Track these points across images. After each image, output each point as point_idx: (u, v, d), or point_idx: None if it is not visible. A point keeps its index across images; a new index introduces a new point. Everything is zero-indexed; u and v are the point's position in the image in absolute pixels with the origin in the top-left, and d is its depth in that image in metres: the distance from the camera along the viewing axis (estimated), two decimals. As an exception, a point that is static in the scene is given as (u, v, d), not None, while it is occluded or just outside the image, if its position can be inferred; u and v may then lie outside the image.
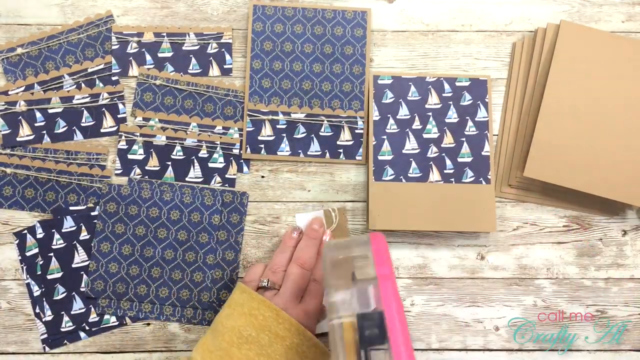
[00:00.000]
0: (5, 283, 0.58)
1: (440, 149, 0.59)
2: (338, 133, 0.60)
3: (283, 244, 0.56)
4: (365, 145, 0.59)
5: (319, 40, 0.61)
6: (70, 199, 0.59)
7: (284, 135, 0.60)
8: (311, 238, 0.56)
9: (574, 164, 0.57)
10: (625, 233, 0.60)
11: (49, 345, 0.57)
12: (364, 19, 0.61)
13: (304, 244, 0.56)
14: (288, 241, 0.56)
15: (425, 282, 0.59)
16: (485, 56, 0.62)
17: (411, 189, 0.58)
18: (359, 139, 0.60)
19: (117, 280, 0.57)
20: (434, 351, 0.59)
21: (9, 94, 0.59)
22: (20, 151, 0.59)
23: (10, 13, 0.61)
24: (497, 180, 0.60)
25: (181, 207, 0.58)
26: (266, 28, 0.61)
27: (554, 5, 0.62)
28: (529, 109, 0.60)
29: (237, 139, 0.60)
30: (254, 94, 0.60)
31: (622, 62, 0.58)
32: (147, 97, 0.60)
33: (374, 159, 0.58)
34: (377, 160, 0.58)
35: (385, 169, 0.58)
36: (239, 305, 0.51)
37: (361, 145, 0.60)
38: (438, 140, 0.59)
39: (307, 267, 0.54)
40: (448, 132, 0.59)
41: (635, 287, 0.60)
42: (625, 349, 0.59)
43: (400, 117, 0.59)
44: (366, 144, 0.59)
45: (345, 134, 0.60)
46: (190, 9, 0.62)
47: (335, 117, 0.60)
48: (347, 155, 0.60)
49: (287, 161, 0.60)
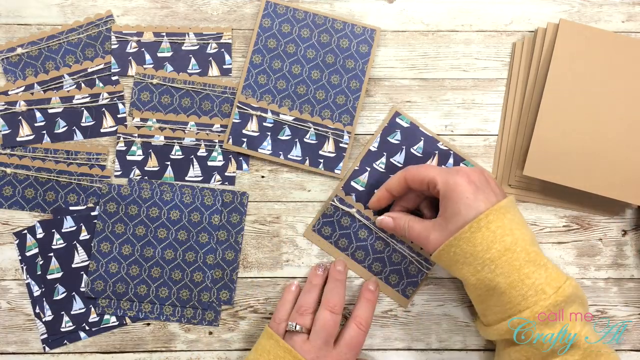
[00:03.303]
0: (5, 283, 0.58)
1: None
2: (322, 143, 0.60)
3: (308, 283, 0.56)
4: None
5: (323, 49, 0.61)
6: (70, 199, 0.59)
7: (269, 134, 0.60)
8: (337, 279, 0.56)
9: (574, 163, 0.57)
10: (625, 233, 0.60)
11: (49, 345, 0.57)
12: (371, 37, 0.61)
13: (332, 285, 0.55)
14: (314, 279, 0.56)
15: (425, 282, 0.59)
16: (485, 56, 0.62)
17: None
18: (341, 153, 0.59)
19: (117, 280, 0.57)
20: (434, 351, 0.59)
21: (9, 94, 0.60)
22: (20, 151, 0.59)
23: (10, 13, 0.61)
24: (497, 180, 0.60)
25: (181, 207, 0.58)
26: (274, 26, 0.61)
27: (553, 5, 0.62)
28: (529, 108, 0.60)
29: (236, 139, 0.60)
30: (247, 87, 0.60)
31: (622, 61, 0.58)
32: (144, 96, 0.60)
33: (346, 180, 0.59)
34: (348, 185, 0.59)
35: (351, 195, 0.58)
36: (266, 352, 0.51)
37: (342, 160, 0.59)
38: None
39: (336, 310, 0.53)
40: None
41: (635, 287, 0.59)
42: (625, 349, 0.59)
43: (394, 160, 0.59)
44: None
45: (329, 145, 0.60)
46: (190, 9, 0.62)
47: (323, 127, 0.60)
48: (326, 167, 0.59)
49: (265, 160, 0.60)
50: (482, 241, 0.47)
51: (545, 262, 0.48)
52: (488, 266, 0.47)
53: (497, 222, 0.47)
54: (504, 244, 0.47)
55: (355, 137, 0.60)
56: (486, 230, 0.47)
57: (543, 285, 0.46)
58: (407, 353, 0.59)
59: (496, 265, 0.47)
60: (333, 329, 0.52)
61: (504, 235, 0.47)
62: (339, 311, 0.53)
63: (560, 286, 0.46)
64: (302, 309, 0.54)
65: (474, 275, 0.48)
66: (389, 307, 0.59)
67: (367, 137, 0.61)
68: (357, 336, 0.53)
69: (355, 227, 0.58)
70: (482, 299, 0.49)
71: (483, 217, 0.47)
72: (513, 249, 0.47)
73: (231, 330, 0.59)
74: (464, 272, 0.49)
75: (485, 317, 0.51)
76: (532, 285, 0.46)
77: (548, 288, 0.46)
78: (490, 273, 0.47)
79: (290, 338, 0.52)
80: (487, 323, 0.51)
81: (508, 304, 0.47)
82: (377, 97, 0.61)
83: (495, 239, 0.47)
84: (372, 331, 0.59)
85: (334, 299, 0.54)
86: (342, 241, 0.59)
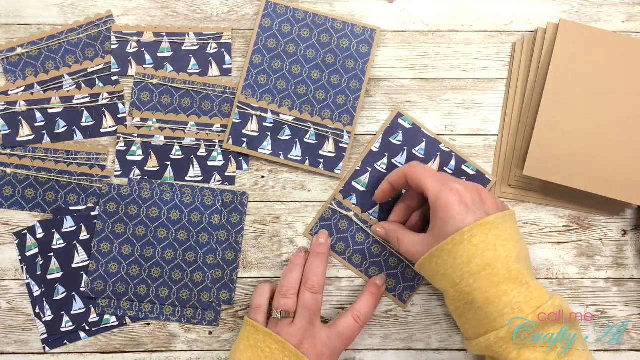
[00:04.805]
0: (5, 283, 0.58)
1: None
2: (322, 143, 0.60)
3: (291, 264, 0.56)
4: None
5: (323, 49, 0.61)
6: (70, 199, 0.59)
7: (269, 134, 0.60)
8: (318, 254, 0.56)
9: (574, 163, 0.57)
10: (625, 233, 0.60)
11: (49, 345, 0.57)
12: (371, 37, 0.61)
13: (311, 262, 0.55)
14: (295, 259, 0.56)
15: (426, 281, 0.59)
16: (485, 56, 0.62)
17: None
18: (341, 153, 0.59)
19: (117, 280, 0.57)
20: (434, 351, 0.59)
21: (9, 94, 0.60)
22: (20, 151, 0.59)
23: (10, 13, 0.61)
24: (497, 180, 0.60)
25: (181, 207, 0.58)
26: (274, 26, 0.61)
27: (553, 5, 0.62)
28: (529, 108, 0.60)
29: (236, 139, 0.60)
30: (247, 87, 0.60)
31: (622, 61, 0.58)
32: (144, 96, 0.60)
33: (347, 180, 0.58)
34: (349, 185, 0.58)
35: (351, 196, 0.58)
36: (245, 339, 0.51)
37: (342, 160, 0.59)
38: None
39: (316, 290, 0.53)
40: None
41: (635, 287, 0.59)
42: (625, 349, 0.59)
43: (396, 161, 0.59)
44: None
45: (330, 145, 0.60)
46: (190, 9, 0.62)
47: (323, 127, 0.60)
48: (327, 167, 0.59)
49: (265, 160, 0.60)
50: (462, 254, 0.47)
51: (527, 280, 0.47)
52: (467, 280, 0.47)
53: (481, 237, 0.47)
54: (485, 259, 0.46)
55: (355, 137, 0.60)
56: (468, 243, 0.47)
57: (521, 304, 0.46)
58: (407, 353, 0.59)
59: (475, 280, 0.46)
60: (315, 308, 0.52)
61: (486, 250, 0.46)
62: (318, 290, 0.53)
63: (540, 306, 0.46)
64: (284, 289, 0.53)
65: (453, 288, 0.48)
66: (389, 307, 0.59)
67: (367, 137, 0.61)
68: (351, 327, 0.53)
69: (353, 231, 0.59)
70: (461, 312, 0.49)
71: (467, 230, 0.47)
72: (493, 264, 0.46)
73: (231, 330, 0.59)
74: (444, 284, 0.49)
75: (465, 331, 0.51)
76: (509, 302, 0.46)
77: (526, 307, 0.46)
78: (469, 287, 0.47)
79: (275, 325, 0.52)
80: (467, 337, 0.51)
81: (484, 319, 0.47)
82: (377, 97, 0.61)
83: (476, 253, 0.46)
84: (372, 331, 0.59)
85: (313, 279, 0.54)
86: (340, 245, 0.59)
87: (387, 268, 0.58)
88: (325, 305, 0.59)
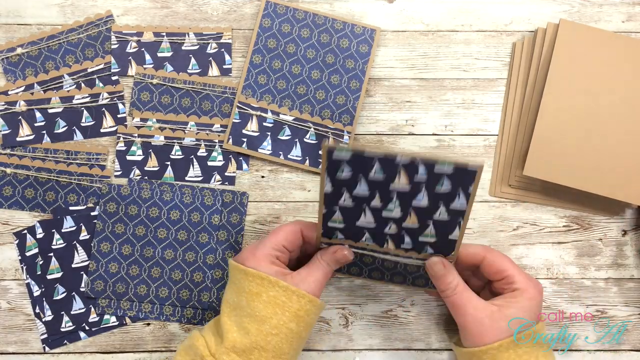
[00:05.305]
0: (5, 283, 0.58)
1: (400, 228, 0.48)
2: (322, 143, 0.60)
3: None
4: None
5: (323, 49, 0.61)
6: (70, 199, 0.59)
7: (269, 134, 0.60)
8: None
9: (574, 163, 0.57)
10: (625, 233, 0.60)
11: (49, 345, 0.57)
12: (371, 37, 0.61)
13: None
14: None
15: (425, 282, 0.59)
16: (485, 56, 0.62)
17: None
18: None
19: (117, 280, 0.57)
20: (434, 351, 0.59)
21: (9, 94, 0.60)
22: (20, 151, 0.59)
23: (10, 13, 0.61)
24: (497, 180, 0.60)
25: (181, 207, 0.58)
26: (274, 26, 0.61)
27: (554, 5, 0.62)
28: (529, 108, 0.60)
29: (236, 139, 0.60)
30: (247, 87, 0.60)
31: (622, 61, 0.58)
32: (144, 96, 0.60)
33: (323, 223, 0.49)
34: (327, 226, 0.49)
35: (335, 233, 0.50)
36: (228, 278, 0.52)
37: None
38: (399, 220, 0.47)
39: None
40: (413, 214, 0.47)
41: (635, 287, 0.59)
42: (625, 349, 0.59)
43: (358, 193, 0.46)
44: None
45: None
46: (190, 8, 0.62)
47: (323, 127, 0.60)
48: None
49: (265, 160, 0.60)
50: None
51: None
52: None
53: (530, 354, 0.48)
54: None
55: (355, 137, 0.60)
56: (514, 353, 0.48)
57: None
58: (407, 353, 0.59)
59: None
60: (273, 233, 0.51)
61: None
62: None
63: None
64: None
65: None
66: (389, 307, 0.59)
67: (368, 137, 0.61)
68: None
69: (358, 257, 0.52)
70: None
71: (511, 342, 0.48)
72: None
73: (231, 330, 0.59)
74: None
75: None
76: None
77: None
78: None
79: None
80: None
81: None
82: (377, 97, 0.61)
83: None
84: (372, 331, 0.59)
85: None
86: (354, 269, 0.53)
87: (410, 273, 0.53)
88: (325, 305, 0.59)
